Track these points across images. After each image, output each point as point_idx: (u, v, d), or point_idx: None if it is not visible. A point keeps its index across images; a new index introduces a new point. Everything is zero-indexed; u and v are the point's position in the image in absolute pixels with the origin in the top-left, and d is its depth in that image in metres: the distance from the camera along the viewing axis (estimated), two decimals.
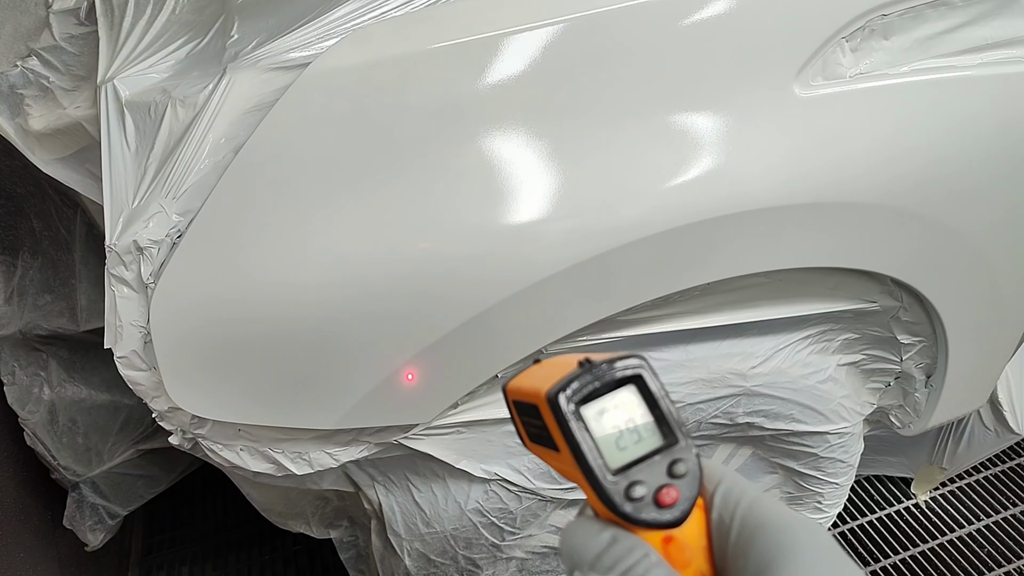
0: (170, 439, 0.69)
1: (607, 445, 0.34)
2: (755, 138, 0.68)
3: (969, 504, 1.43)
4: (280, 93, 0.62)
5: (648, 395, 0.35)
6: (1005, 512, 1.41)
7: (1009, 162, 0.78)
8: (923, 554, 1.35)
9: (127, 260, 0.62)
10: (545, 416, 0.35)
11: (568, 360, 0.37)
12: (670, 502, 0.34)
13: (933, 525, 1.40)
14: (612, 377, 0.35)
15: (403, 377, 0.66)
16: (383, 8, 0.67)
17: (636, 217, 0.68)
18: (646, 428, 0.35)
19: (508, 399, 0.41)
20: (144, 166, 0.64)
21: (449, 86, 0.64)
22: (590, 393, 0.34)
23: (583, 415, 0.34)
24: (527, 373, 0.40)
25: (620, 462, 0.34)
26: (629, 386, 0.35)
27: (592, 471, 0.34)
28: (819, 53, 0.68)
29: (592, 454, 0.34)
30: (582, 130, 0.67)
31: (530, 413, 0.37)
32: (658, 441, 0.35)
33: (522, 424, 0.40)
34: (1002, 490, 1.45)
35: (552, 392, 0.34)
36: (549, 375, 0.36)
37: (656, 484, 0.34)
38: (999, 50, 0.73)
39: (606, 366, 0.35)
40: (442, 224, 0.64)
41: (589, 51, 0.65)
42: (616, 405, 0.35)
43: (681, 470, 0.34)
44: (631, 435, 0.34)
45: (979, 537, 1.37)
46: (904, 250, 0.78)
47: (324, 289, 0.63)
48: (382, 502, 0.82)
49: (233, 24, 0.73)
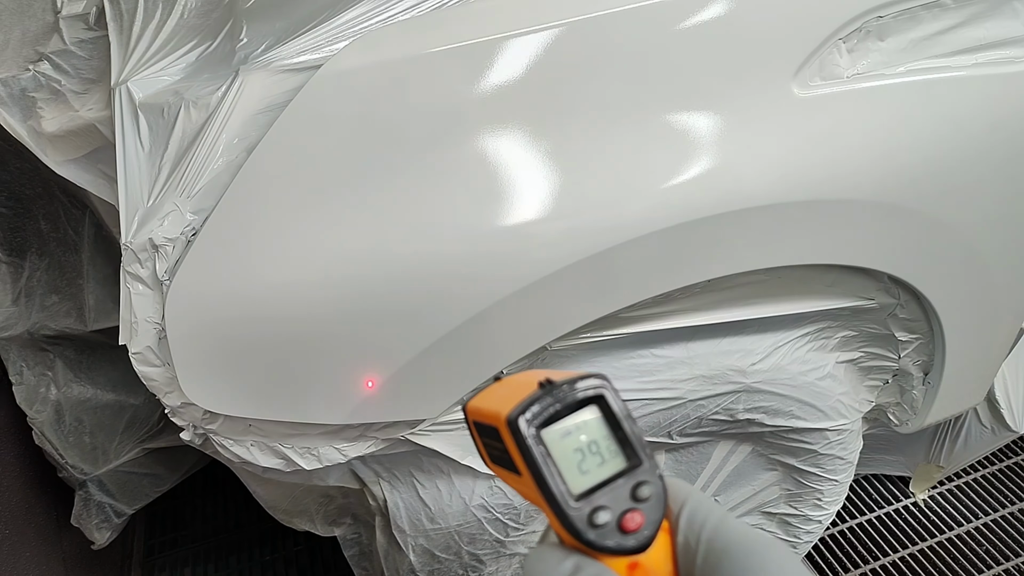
0: (181, 435, 0.70)
1: (569, 469, 0.33)
2: (754, 137, 0.70)
3: (967, 502, 1.44)
4: (291, 94, 0.63)
5: (610, 416, 0.34)
6: (1003, 510, 1.42)
7: (1003, 160, 0.80)
8: (921, 552, 1.37)
9: (142, 258, 0.63)
10: (506, 439, 0.34)
11: (529, 379, 0.36)
12: (634, 527, 0.33)
13: (931, 523, 1.42)
14: (573, 398, 0.34)
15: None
16: (390, 12, 0.68)
17: (637, 215, 0.69)
18: (609, 450, 0.34)
19: (468, 420, 0.40)
20: (158, 166, 0.66)
21: (455, 87, 0.65)
22: (551, 416, 0.34)
23: (544, 439, 0.33)
24: (487, 393, 0.39)
25: (583, 486, 0.33)
26: (591, 407, 0.34)
27: (554, 497, 0.33)
28: (816, 54, 0.69)
29: (554, 479, 0.33)
30: (583, 130, 0.68)
31: (491, 435, 0.37)
32: (621, 463, 0.34)
33: (483, 446, 0.39)
34: (1000, 488, 1.47)
35: (512, 416, 0.33)
36: (509, 396, 0.35)
37: (620, 509, 0.33)
38: (992, 51, 0.75)
39: (567, 387, 0.34)
40: (447, 222, 0.66)
41: (590, 53, 0.67)
42: (578, 426, 0.34)
43: (645, 493, 0.34)
44: (594, 457, 0.34)
45: (977, 535, 1.38)
46: (900, 247, 0.79)
47: (334, 286, 0.64)
48: (387, 498, 0.82)
49: (241, 28, 0.75)
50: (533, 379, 0.36)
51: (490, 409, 0.36)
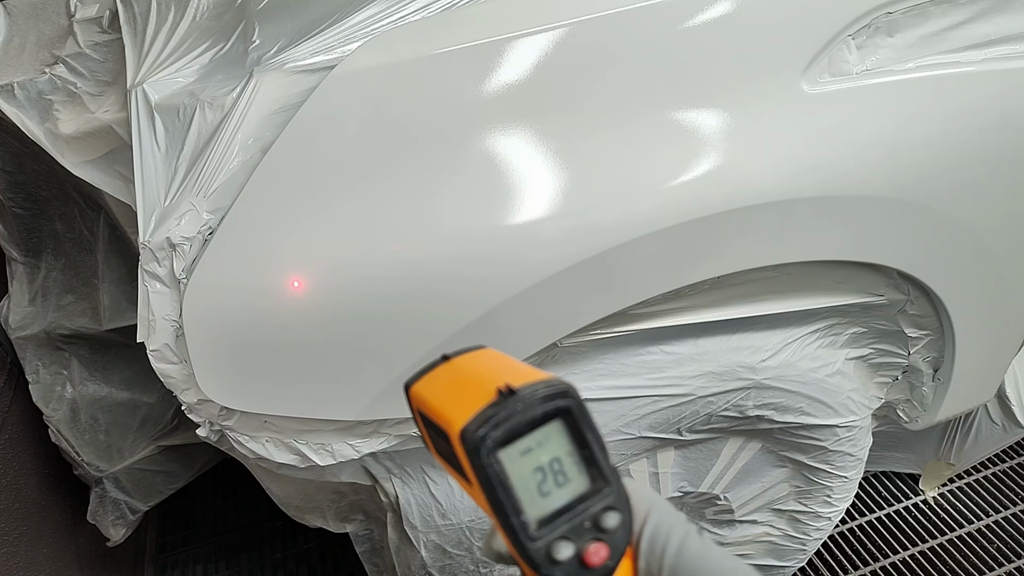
0: (198, 431, 0.71)
1: (528, 491, 0.30)
2: (764, 133, 0.70)
3: (977, 500, 1.44)
4: (305, 95, 0.64)
5: (576, 432, 0.31)
6: (1013, 508, 1.42)
7: (1013, 156, 0.80)
8: (931, 550, 1.36)
9: (160, 256, 0.64)
10: (458, 452, 0.31)
11: (484, 374, 0.33)
12: (598, 562, 0.30)
13: (941, 521, 1.41)
14: (536, 414, 0.30)
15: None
16: (400, 13, 0.69)
17: (646, 212, 0.69)
18: (572, 469, 0.31)
19: (412, 406, 0.36)
20: (175, 166, 0.67)
21: (464, 87, 0.66)
22: (511, 433, 0.30)
23: (502, 459, 0.30)
24: (435, 381, 0.35)
25: (543, 511, 0.31)
26: (555, 421, 0.31)
27: (511, 527, 0.30)
28: (826, 50, 0.70)
29: (512, 507, 0.30)
30: (592, 128, 0.69)
31: (440, 435, 0.33)
32: (585, 484, 0.31)
33: (429, 438, 0.36)
34: (1010, 486, 1.46)
35: (467, 432, 0.30)
36: (462, 396, 0.32)
37: (582, 542, 0.30)
38: (1001, 46, 0.75)
39: (530, 399, 0.30)
40: (457, 221, 0.66)
41: (600, 51, 0.67)
42: (540, 443, 0.31)
43: (611, 523, 0.31)
44: (556, 477, 0.31)
45: (988, 533, 1.38)
46: (910, 243, 0.79)
47: (346, 284, 0.65)
48: (399, 495, 0.83)
49: (254, 29, 0.76)
50: (488, 376, 0.32)
51: (440, 410, 0.32)
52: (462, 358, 0.36)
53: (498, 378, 0.32)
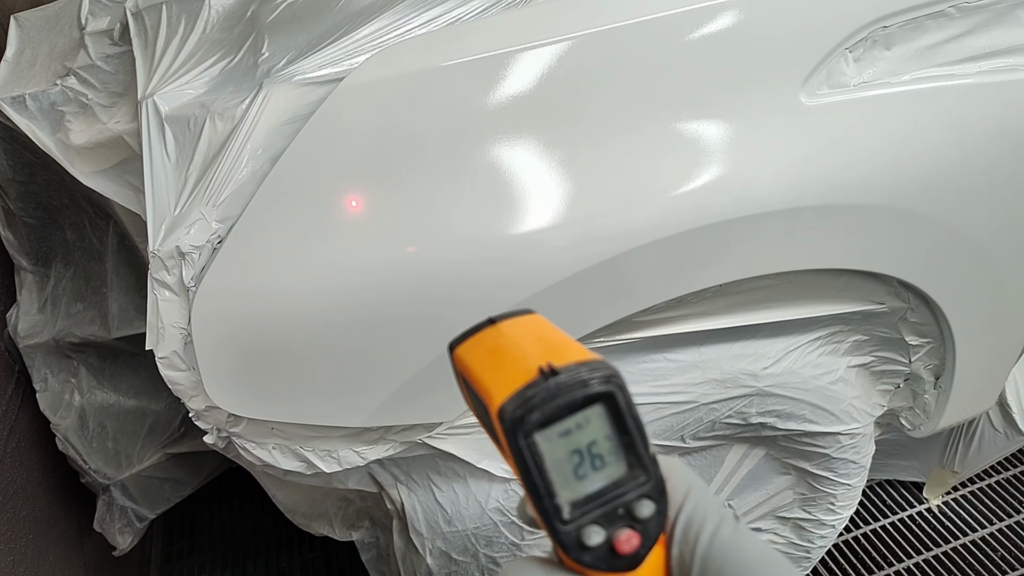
0: (205, 438, 0.72)
1: (564, 474, 0.30)
2: (764, 144, 0.71)
3: (981, 508, 1.44)
4: (314, 106, 0.65)
5: (618, 417, 0.31)
6: (1017, 516, 1.42)
7: (1009, 166, 0.81)
8: (935, 558, 1.36)
9: (169, 265, 0.65)
10: (495, 426, 0.31)
11: (527, 347, 0.32)
12: (628, 550, 0.30)
13: (946, 529, 1.41)
14: (578, 396, 0.30)
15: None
16: (407, 27, 0.70)
17: (650, 220, 0.70)
18: (611, 453, 0.31)
19: (455, 366, 0.36)
20: (184, 176, 0.68)
21: (470, 99, 0.67)
22: (551, 416, 0.30)
23: (539, 441, 0.30)
24: (479, 347, 0.34)
25: (577, 494, 0.30)
26: (596, 404, 0.30)
27: (544, 509, 0.30)
28: (824, 63, 0.71)
29: (546, 489, 0.30)
30: (596, 139, 0.70)
31: (479, 402, 0.33)
32: (622, 470, 0.31)
33: (469, 399, 0.36)
34: (1014, 494, 1.46)
35: (506, 410, 0.29)
36: (505, 369, 0.32)
37: (614, 529, 0.30)
38: (996, 59, 0.76)
39: (572, 381, 0.29)
40: (463, 229, 0.67)
41: (604, 65, 0.69)
42: (579, 425, 0.30)
43: (645, 512, 0.30)
44: (593, 460, 0.30)
45: (992, 541, 1.38)
46: (910, 252, 0.80)
47: (354, 292, 0.66)
48: (404, 502, 0.84)
49: (263, 42, 0.77)
50: (532, 350, 0.32)
51: (481, 380, 0.32)
52: (508, 323, 0.35)
53: (542, 354, 0.31)
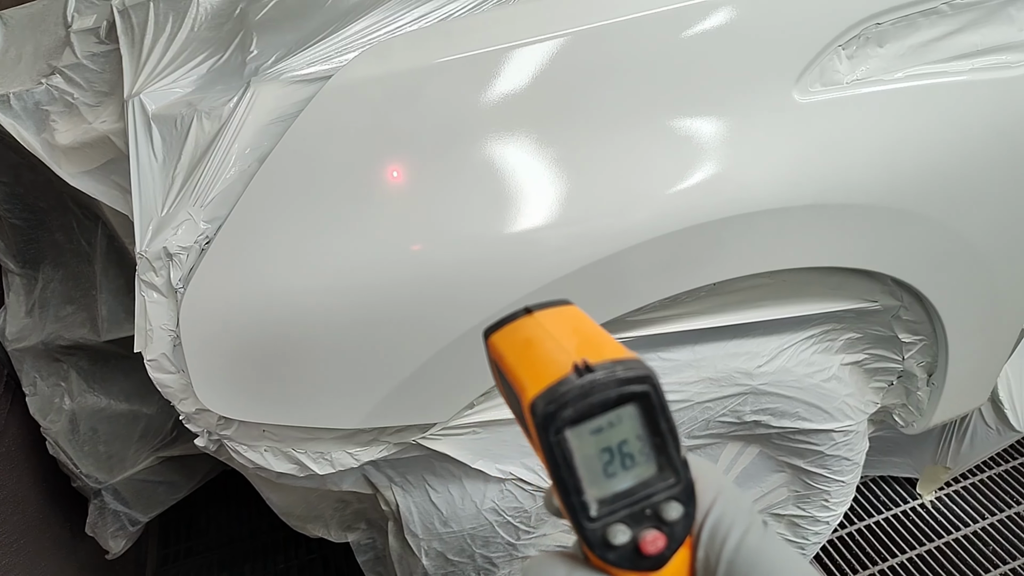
0: (196, 441, 0.71)
1: (592, 472, 0.30)
2: (758, 143, 0.71)
3: (974, 503, 1.45)
4: (302, 105, 0.64)
5: (651, 418, 0.31)
6: (1009, 511, 1.43)
7: (1002, 163, 0.80)
8: (929, 553, 1.37)
9: (157, 266, 0.64)
10: (526, 418, 0.31)
11: (564, 340, 0.32)
12: (654, 551, 0.30)
13: (939, 524, 1.42)
14: (610, 396, 0.30)
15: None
16: (397, 23, 0.70)
17: (645, 220, 0.70)
18: (641, 453, 0.31)
19: (489, 353, 0.36)
20: (172, 176, 0.67)
21: (462, 97, 0.67)
22: (583, 413, 0.29)
23: (570, 438, 0.30)
24: (514, 336, 0.34)
25: (605, 492, 0.30)
26: (630, 404, 0.30)
27: (571, 506, 0.30)
28: (817, 61, 0.70)
29: (572, 485, 0.29)
30: (589, 137, 0.69)
31: (511, 392, 0.33)
32: (652, 471, 0.31)
33: (501, 387, 0.36)
34: (1006, 489, 1.47)
35: (538, 408, 0.29)
36: (538, 361, 0.32)
37: (640, 529, 0.30)
38: (988, 56, 0.76)
39: (607, 380, 0.29)
40: (455, 229, 0.67)
41: (597, 62, 0.68)
42: (611, 423, 0.30)
43: (672, 515, 0.30)
44: (623, 460, 0.30)
45: (984, 536, 1.39)
46: (903, 250, 0.80)
47: (345, 292, 0.65)
48: (400, 503, 0.83)
49: (252, 40, 0.76)
50: (568, 343, 0.32)
51: (515, 371, 0.32)
52: (544, 314, 0.35)
53: (577, 348, 0.31)
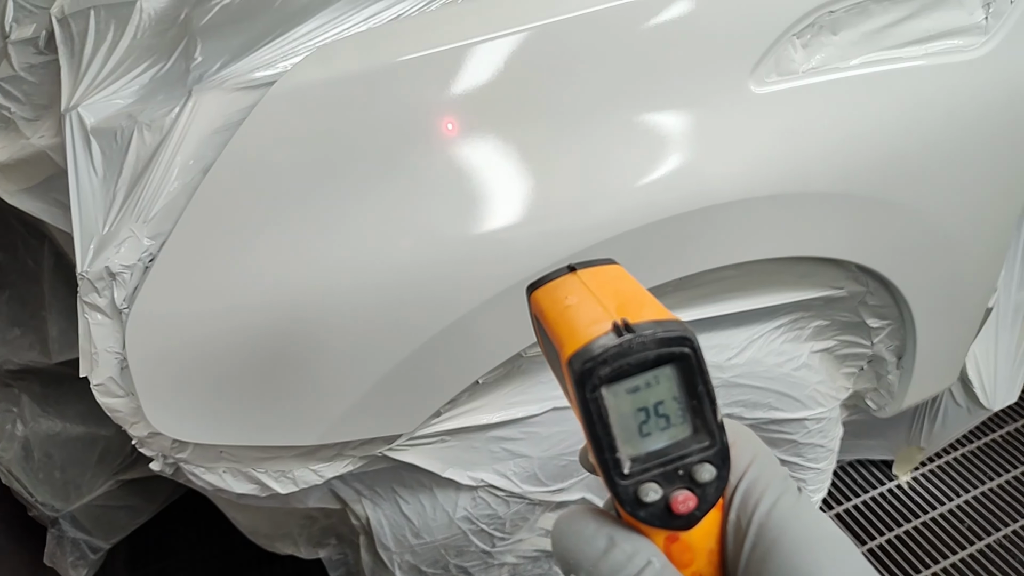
0: (151, 465, 0.68)
1: (627, 431, 0.30)
2: (716, 135, 0.70)
3: (948, 482, 1.47)
4: (246, 112, 0.62)
5: (689, 381, 0.31)
6: (983, 487, 1.45)
7: (959, 146, 0.81)
8: (907, 533, 1.38)
9: (99, 287, 0.61)
10: (564, 374, 0.31)
11: (606, 298, 0.33)
12: (684, 511, 0.30)
13: (916, 504, 1.44)
14: (649, 357, 0.30)
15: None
16: (345, 24, 0.68)
17: (606, 216, 0.69)
18: (677, 415, 0.31)
19: (531, 309, 0.37)
20: (113, 192, 0.64)
21: (416, 97, 0.65)
22: (621, 372, 0.30)
23: (607, 395, 0.30)
24: (556, 292, 0.35)
25: (639, 451, 0.30)
26: (668, 365, 0.31)
27: (605, 462, 0.30)
28: (772, 51, 0.70)
29: (607, 442, 0.30)
30: (549, 134, 0.68)
31: (551, 348, 0.34)
32: (686, 432, 0.31)
33: (542, 343, 0.37)
34: (979, 465, 1.49)
35: (576, 364, 0.30)
36: (579, 318, 0.32)
37: (672, 488, 0.30)
38: (941, 40, 0.76)
39: (646, 341, 0.30)
40: (415, 233, 0.65)
41: (551, 58, 0.67)
42: (648, 383, 0.30)
43: (704, 477, 0.30)
44: (658, 420, 0.31)
45: (960, 513, 1.41)
46: (865, 236, 0.80)
47: (300, 305, 0.63)
48: (370, 516, 0.81)
49: (196, 46, 0.73)
50: (609, 302, 0.32)
51: (555, 327, 0.33)
52: (588, 272, 0.36)
53: (619, 308, 0.32)
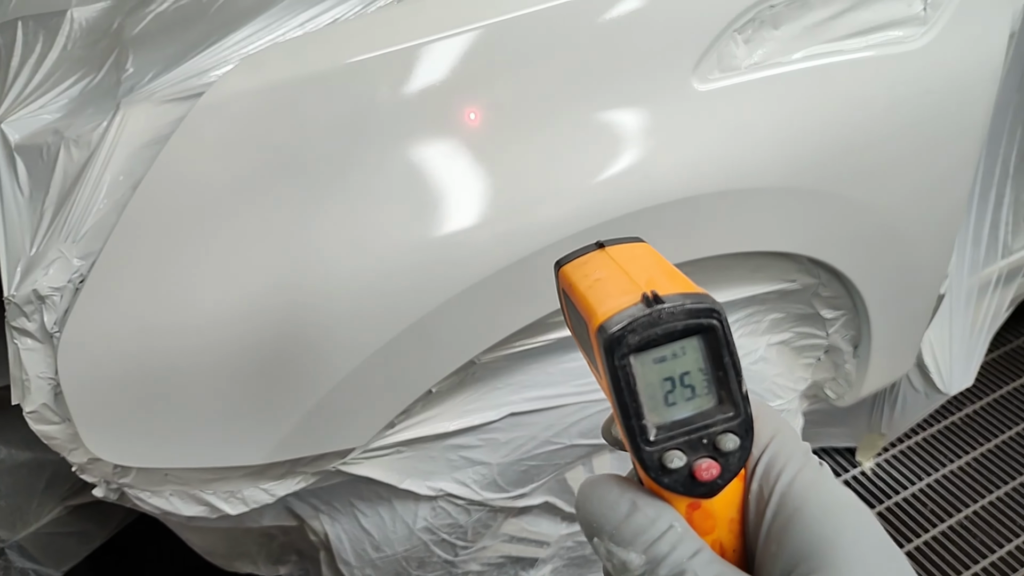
0: (94, 491, 0.66)
1: (653, 399, 0.31)
2: (662, 134, 0.70)
3: (910, 466, 1.50)
4: (176, 125, 0.60)
5: (715, 353, 0.31)
6: (943, 470, 1.48)
7: (904, 136, 0.82)
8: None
9: (28, 311, 0.59)
10: (593, 344, 0.32)
11: (635, 271, 0.34)
12: (707, 478, 0.31)
13: (880, 489, 1.46)
14: (676, 327, 0.31)
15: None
16: (282, 29, 0.66)
17: (556, 218, 0.68)
18: (702, 385, 0.32)
19: (559, 284, 0.38)
20: (40, 211, 0.62)
21: (355, 103, 0.63)
22: (649, 341, 0.30)
23: (635, 363, 0.31)
24: (585, 267, 0.36)
25: (664, 419, 0.31)
26: (695, 336, 0.31)
27: (631, 429, 0.31)
28: (713, 47, 0.70)
29: (634, 409, 0.31)
30: (495, 137, 0.67)
31: (579, 321, 0.35)
32: (711, 403, 0.32)
33: (568, 318, 0.38)
34: (940, 449, 1.52)
35: (605, 332, 0.30)
36: (609, 290, 0.33)
37: (696, 456, 0.31)
38: (881, 32, 0.77)
39: (674, 311, 0.30)
40: (360, 239, 0.64)
41: (492, 60, 0.66)
42: (675, 354, 0.31)
43: (728, 446, 0.31)
44: (684, 390, 0.31)
45: (923, 496, 1.43)
46: (814, 228, 0.81)
47: (239, 320, 0.61)
48: (328, 532, 0.80)
49: (128, 57, 0.71)
50: (638, 275, 0.33)
51: (585, 298, 0.34)
52: (616, 249, 0.37)
53: (648, 281, 0.32)
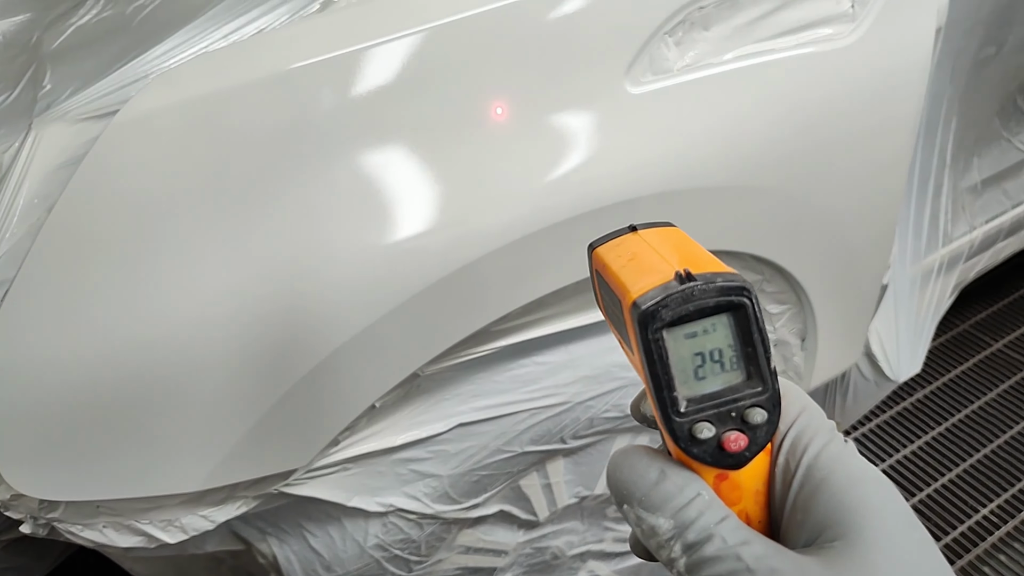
0: (21, 528, 0.63)
1: (684, 373, 0.32)
2: (597, 138, 0.70)
3: (865, 453, 1.53)
4: (92, 144, 0.58)
5: (745, 330, 0.32)
6: (897, 455, 1.52)
7: (838, 130, 0.83)
8: None
9: None
10: (627, 320, 0.33)
11: (668, 252, 0.35)
12: (735, 449, 0.32)
13: None
14: (708, 304, 0.32)
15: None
16: (205, 42, 0.64)
17: (496, 225, 0.68)
18: (731, 361, 0.33)
19: (592, 265, 0.39)
20: None
21: (283, 114, 0.62)
22: (681, 316, 0.32)
23: (667, 337, 0.32)
24: (618, 248, 0.37)
25: (694, 392, 0.32)
26: (726, 313, 0.32)
27: (663, 400, 0.32)
28: (645, 50, 0.70)
29: (666, 382, 0.32)
30: (427, 145, 0.66)
31: (612, 299, 0.36)
32: (740, 378, 0.33)
33: (601, 298, 0.39)
34: (892, 435, 1.56)
35: (639, 307, 0.32)
36: (642, 269, 0.34)
37: (725, 428, 0.32)
38: (811, 30, 0.78)
39: (706, 288, 0.32)
40: (294, 255, 0.62)
41: (421, 67, 0.65)
42: (706, 330, 0.32)
43: (756, 419, 0.32)
44: (713, 365, 0.33)
45: None
46: (754, 226, 0.82)
47: (169, 341, 0.59)
48: (277, 554, 0.78)
49: (45, 73, 0.69)
50: (671, 255, 0.35)
51: (618, 277, 0.35)
52: (649, 232, 0.38)
53: (680, 261, 0.34)
